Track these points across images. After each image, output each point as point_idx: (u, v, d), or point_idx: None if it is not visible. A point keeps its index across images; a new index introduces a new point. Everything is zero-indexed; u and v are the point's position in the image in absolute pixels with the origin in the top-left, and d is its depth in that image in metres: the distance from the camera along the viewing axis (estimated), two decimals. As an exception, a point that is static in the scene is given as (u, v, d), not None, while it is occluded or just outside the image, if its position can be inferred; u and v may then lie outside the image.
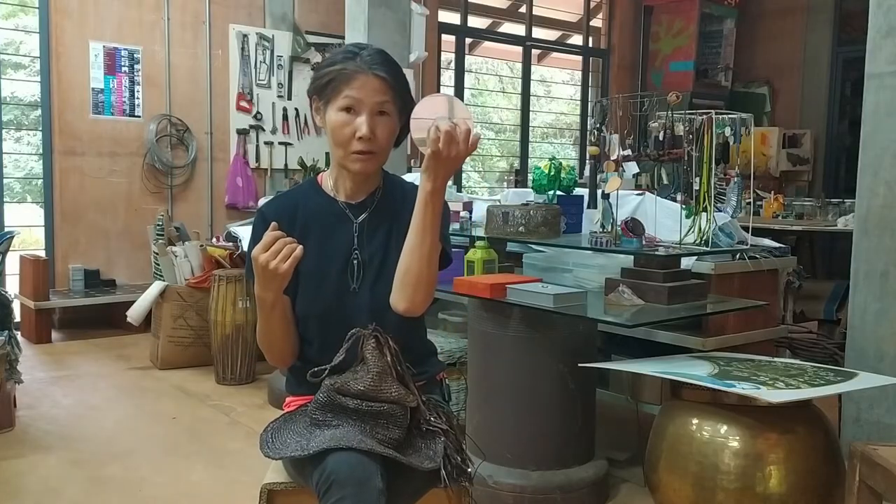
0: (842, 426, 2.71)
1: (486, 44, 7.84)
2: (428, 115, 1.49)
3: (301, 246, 1.46)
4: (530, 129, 7.99)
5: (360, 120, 1.56)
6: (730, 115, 2.64)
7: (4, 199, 5.23)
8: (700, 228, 2.54)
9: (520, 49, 7.75)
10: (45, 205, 5.35)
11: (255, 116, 6.07)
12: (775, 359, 2.58)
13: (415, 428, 1.55)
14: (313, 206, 1.66)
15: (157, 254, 4.54)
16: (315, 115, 1.65)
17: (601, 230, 2.59)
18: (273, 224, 1.48)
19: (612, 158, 2.85)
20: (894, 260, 2.56)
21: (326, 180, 1.70)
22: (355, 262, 1.63)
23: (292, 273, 1.51)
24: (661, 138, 2.78)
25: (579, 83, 8.36)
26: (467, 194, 5.26)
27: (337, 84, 1.57)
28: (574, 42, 8.33)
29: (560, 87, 8.58)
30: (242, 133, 6.02)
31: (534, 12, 7.73)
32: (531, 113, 7.97)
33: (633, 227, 2.53)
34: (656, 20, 7.99)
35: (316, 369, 1.56)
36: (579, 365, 2.47)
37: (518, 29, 7.76)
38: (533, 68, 7.90)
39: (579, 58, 8.28)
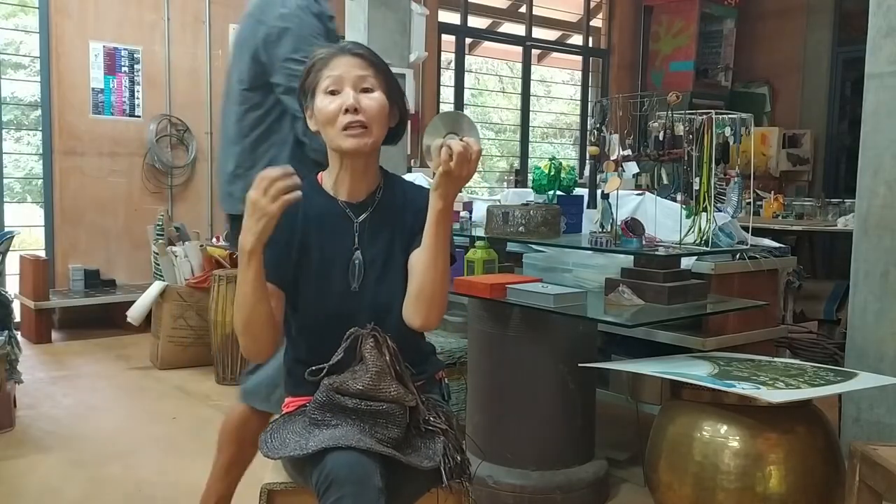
0: (842, 426, 2.71)
1: (486, 44, 7.84)
2: (438, 133, 1.50)
3: (297, 192, 1.42)
4: (530, 129, 7.99)
5: (344, 94, 1.57)
6: (730, 115, 2.64)
7: (4, 199, 5.23)
8: (700, 228, 2.54)
9: (520, 49, 7.75)
10: (45, 205, 5.35)
11: (255, 116, 6.06)
12: (775, 359, 2.58)
13: (414, 427, 1.55)
14: (314, 204, 1.65)
15: (157, 254, 4.54)
16: (309, 121, 1.65)
17: (601, 230, 2.59)
18: (287, 167, 1.43)
19: (612, 158, 2.85)
20: (894, 260, 2.56)
21: (326, 180, 1.69)
22: (356, 262, 1.63)
23: (291, 268, 1.58)
24: (661, 138, 2.77)
25: (579, 83, 8.36)
26: (467, 194, 5.26)
27: (317, 70, 1.60)
28: (574, 42, 8.33)
29: (560, 87, 8.58)
30: (242, 133, 6.01)
31: (534, 12, 7.73)
32: (531, 113, 7.97)
33: (633, 227, 2.53)
34: (656, 20, 7.99)
35: (314, 368, 1.57)
36: (579, 365, 2.47)
37: (518, 29, 7.76)
38: (533, 68, 7.90)
39: (579, 58, 8.28)
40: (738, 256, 2.92)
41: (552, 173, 2.94)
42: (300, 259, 1.63)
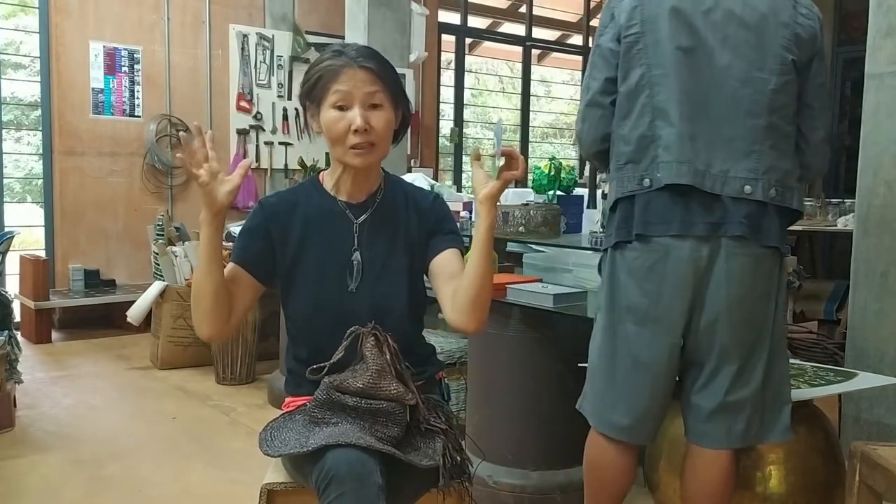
0: (842, 426, 2.71)
1: (486, 44, 7.84)
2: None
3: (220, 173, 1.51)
4: (530, 129, 7.99)
5: (353, 113, 1.55)
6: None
7: (4, 199, 5.24)
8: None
9: (520, 49, 7.76)
10: (45, 205, 5.35)
11: (255, 116, 6.07)
12: (775, 359, 2.56)
13: (414, 427, 1.55)
14: (314, 205, 1.66)
15: (157, 254, 4.54)
16: (311, 121, 1.64)
17: (601, 230, 2.59)
18: (209, 134, 1.52)
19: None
20: (894, 260, 2.56)
21: (327, 180, 1.70)
22: (355, 262, 1.63)
23: (269, 259, 1.61)
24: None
25: (579, 83, 8.35)
26: (467, 194, 5.26)
27: (325, 82, 1.57)
28: (574, 42, 8.33)
29: (560, 87, 8.59)
30: (242, 133, 6.02)
31: (534, 12, 7.74)
32: (531, 113, 7.97)
33: (634, 226, 2.52)
34: (656, 20, 7.99)
35: (315, 366, 1.57)
36: (579, 365, 2.46)
37: (518, 29, 7.77)
38: (533, 68, 7.91)
39: (579, 58, 8.28)
40: (738, 256, 2.91)
41: (552, 173, 2.94)
42: (299, 258, 1.63)
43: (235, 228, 4.48)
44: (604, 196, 2.64)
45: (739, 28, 1.76)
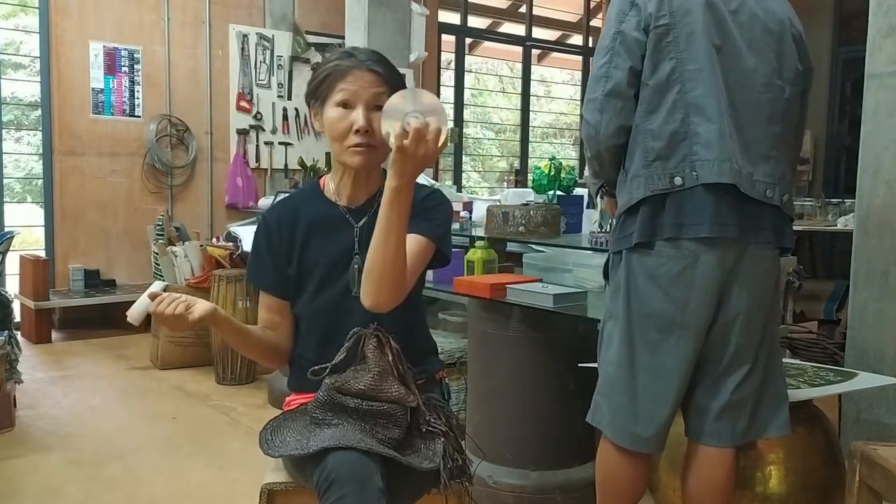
0: (842, 426, 2.71)
1: (486, 44, 7.84)
2: (400, 108, 1.39)
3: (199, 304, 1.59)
4: (530, 129, 7.99)
5: (356, 113, 1.56)
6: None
7: (4, 199, 5.24)
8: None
9: (520, 49, 7.76)
10: (45, 205, 5.35)
11: (255, 116, 6.07)
12: (775, 359, 2.56)
13: (414, 428, 1.55)
14: (314, 211, 1.68)
15: (157, 254, 4.55)
16: (314, 120, 1.66)
17: (601, 230, 2.59)
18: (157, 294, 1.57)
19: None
20: (894, 260, 2.56)
21: (328, 184, 1.71)
22: (356, 266, 1.63)
23: (288, 279, 1.65)
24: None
25: (579, 83, 8.36)
26: (467, 194, 5.27)
27: (332, 80, 1.59)
28: (574, 42, 8.33)
29: (560, 87, 8.59)
30: (242, 133, 6.02)
31: (534, 12, 7.74)
32: (531, 113, 7.97)
33: (634, 227, 2.51)
34: (656, 20, 7.98)
35: (316, 368, 1.57)
36: (579, 365, 2.47)
37: (518, 29, 7.77)
38: (533, 68, 7.91)
39: (579, 58, 8.28)
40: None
41: (552, 173, 2.94)
42: (303, 265, 1.65)
43: (236, 229, 4.48)
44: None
45: (764, 33, 1.76)
